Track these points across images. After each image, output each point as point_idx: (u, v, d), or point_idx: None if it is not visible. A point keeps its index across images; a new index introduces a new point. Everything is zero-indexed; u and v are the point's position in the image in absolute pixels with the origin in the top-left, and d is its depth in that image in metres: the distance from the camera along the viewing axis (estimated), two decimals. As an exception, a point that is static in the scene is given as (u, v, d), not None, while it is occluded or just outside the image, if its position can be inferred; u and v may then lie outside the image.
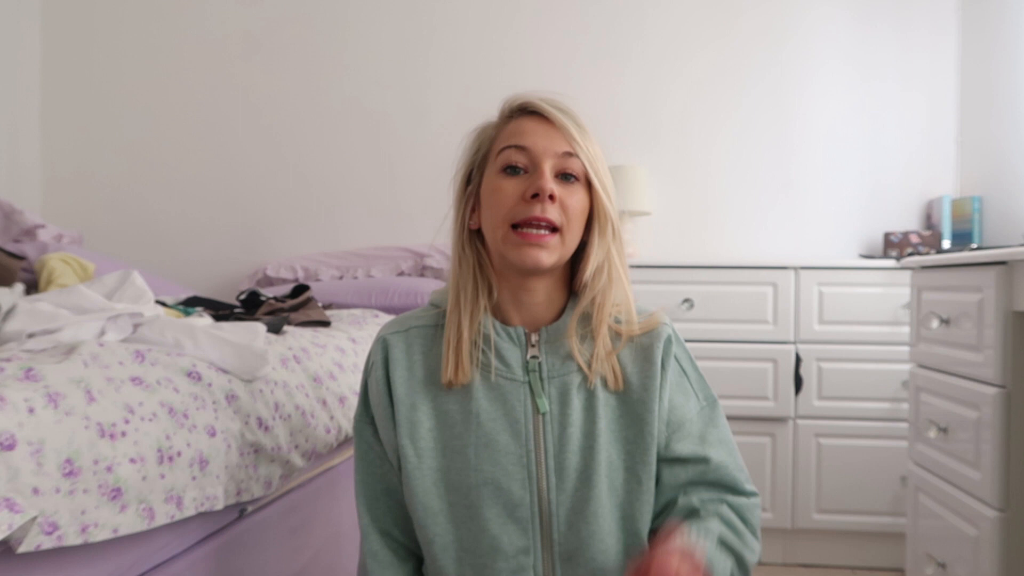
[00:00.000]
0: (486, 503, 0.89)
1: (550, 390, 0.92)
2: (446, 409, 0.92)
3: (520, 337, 0.94)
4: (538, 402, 0.91)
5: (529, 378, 0.92)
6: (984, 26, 2.57)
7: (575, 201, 0.91)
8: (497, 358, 0.92)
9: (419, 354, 0.95)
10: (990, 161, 2.52)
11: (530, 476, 0.89)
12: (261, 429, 1.21)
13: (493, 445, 0.90)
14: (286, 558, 1.34)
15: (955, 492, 1.60)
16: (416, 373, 0.94)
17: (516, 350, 0.93)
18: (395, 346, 0.96)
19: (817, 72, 2.75)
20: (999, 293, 1.45)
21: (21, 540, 0.74)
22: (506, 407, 0.91)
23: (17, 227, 2.40)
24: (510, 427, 0.90)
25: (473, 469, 0.89)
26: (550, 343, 0.94)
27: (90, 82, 3.02)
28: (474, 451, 0.90)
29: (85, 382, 0.90)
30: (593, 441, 0.89)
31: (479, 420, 0.91)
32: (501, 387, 0.92)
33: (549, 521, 0.89)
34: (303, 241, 2.93)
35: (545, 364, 0.93)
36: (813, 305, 2.31)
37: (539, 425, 0.91)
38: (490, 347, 0.92)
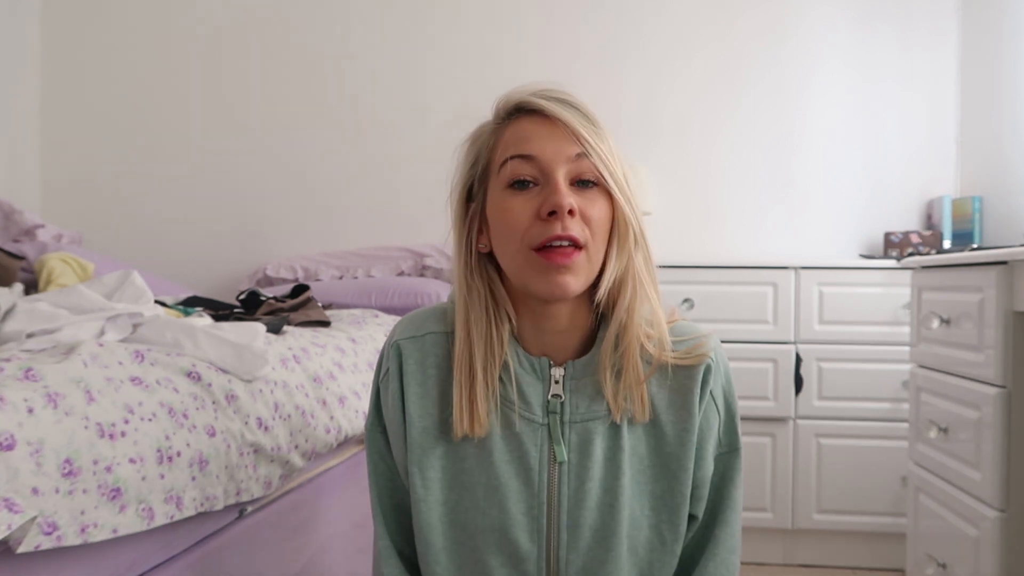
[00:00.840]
0: (491, 550, 0.81)
1: (570, 436, 0.82)
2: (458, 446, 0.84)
3: (543, 370, 0.84)
4: (556, 450, 0.82)
5: (548, 420, 0.82)
6: (984, 26, 2.57)
7: (597, 210, 0.79)
8: (518, 395, 0.82)
9: (434, 367, 0.85)
10: (990, 161, 2.52)
11: (539, 529, 0.81)
12: (261, 429, 1.21)
13: (503, 489, 0.81)
14: (286, 558, 1.33)
15: (956, 492, 1.60)
16: (430, 391, 0.84)
17: (538, 385, 0.83)
18: (409, 356, 0.86)
19: (817, 72, 2.75)
20: (1000, 293, 1.45)
21: (20, 540, 0.73)
22: (521, 450, 0.82)
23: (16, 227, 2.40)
24: (523, 473, 0.82)
25: (481, 511, 0.81)
26: (576, 380, 0.83)
27: (90, 82, 3.02)
28: (483, 492, 0.82)
29: (84, 382, 0.90)
30: (615, 498, 0.81)
31: (491, 460, 0.82)
32: (518, 423, 0.83)
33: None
34: (303, 241, 2.93)
35: (568, 405, 0.83)
36: (813, 305, 2.31)
37: (555, 475, 0.82)
38: (511, 381, 0.82)
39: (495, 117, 0.86)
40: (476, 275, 0.83)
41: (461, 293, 0.83)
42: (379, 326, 2.05)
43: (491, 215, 0.82)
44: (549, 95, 0.82)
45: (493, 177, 0.82)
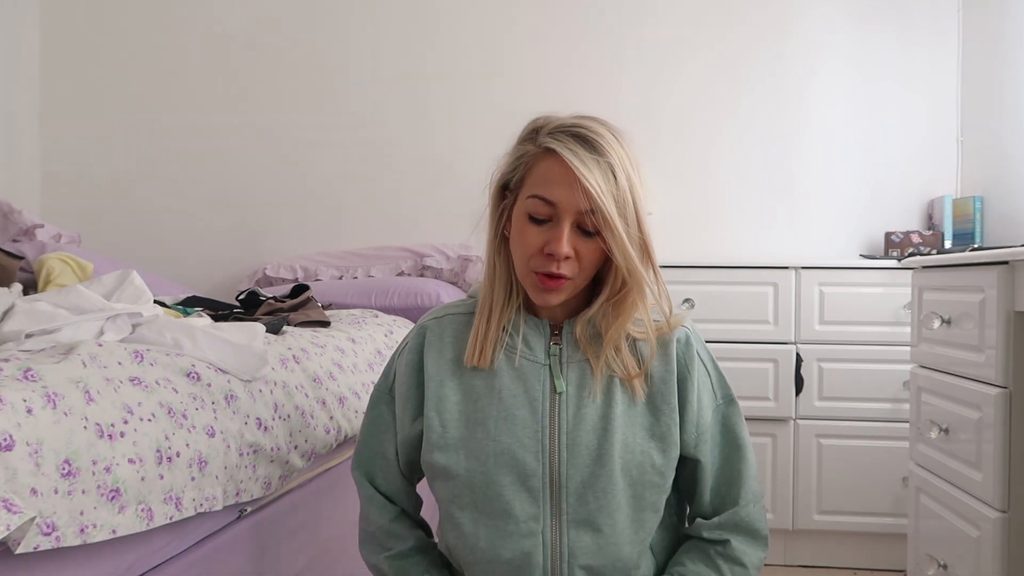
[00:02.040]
0: (501, 471, 0.95)
1: (568, 373, 0.99)
2: (472, 385, 1.00)
3: (545, 328, 1.02)
4: (556, 382, 0.98)
5: (550, 361, 0.99)
6: (985, 26, 2.57)
7: (589, 251, 0.95)
8: (523, 343, 1.00)
9: (450, 337, 1.03)
10: (991, 161, 2.52)
11: (543, 449, 0.96)
12: (260, 429, 1.21)
13: (512, 419, 0.97)
14: (286, 559, 1.33)
15: (956, 493, 1.60)
16: (445, 354, 1.02)
17: (540, 338, 1.01)
18: (431, 330, 1.05)
19: (818, 72, 2.75)
20: (1000, 293, 1.44)
21: (19, 541, 0.73)
22: (527, 385, 0.98)
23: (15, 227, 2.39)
24: (529, 404, 0.97)
25: (492, 439, 0.96)
26: (571, 334, 1.01)
27: (89, 82, 3.02)
28: (494, 423, 0.97)
29: (84, 382, 0.90)
30: (608, 423, 0.96)
31: (501, 396, 0.98)
32: (524, 368, 0.99)
33: (559, 492, 0.95)
34: (303, 241, 2.93)
35: (566, 350, 1.00)
36: (814, 305, 2.31)
37: (555, 404, 0.97)
38: (519, 334, 1.00)
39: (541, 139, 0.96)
40: (501, 253, 1.01)
41: (488, 267, 1.02)
42: (379, 326, 2.05)
43: (513, 223, 0.98)
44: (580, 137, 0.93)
45: (522, 193, 0.97)
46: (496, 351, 1.00)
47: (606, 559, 0.95)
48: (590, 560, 0.95)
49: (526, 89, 2.82)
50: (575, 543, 0.95)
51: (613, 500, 0.95)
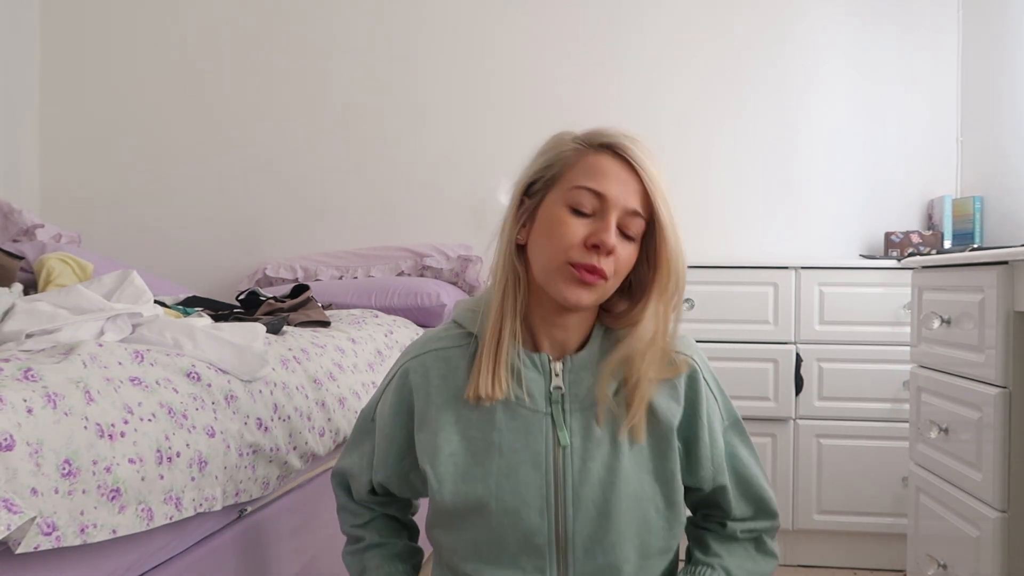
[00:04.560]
0: (506, 529, 0.91)
1: (572, 423, 0.93)
2: (467, 435, 0.94)
3: (544, 365, 0.95)
4: (559, 435, 0.93)
5: (551, 409, 0.94)
6: (985, 26, 2.57)
7: (626, 255, 0.92)
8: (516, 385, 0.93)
9: (437, 378, 0.96)
10: (991, 161, 2.52)
11: (548, 506, 0.91)
12: (260, 430, 1.21)
13: (514, 475, 0.92)
14: (285, 559, 1.33)
15: (956, 493, 1.60)
16: (434, 399, 0.95)
17: (540, 379, 0.94)
18: (414, 372, 0.98)
19: (818, 72, 2.75)
20: (1000, 293, 1.44)
21: (20, 541, 0.73)
22: (528, 438, 0.93)
23: (16, 227, 2.39)
24: (531, 459, 0.92)
25: (494, 497, 0.91)
26: (574, 373, 0.95)
27: (89, 82, 3.02)
28: (496, 481, 0.92)
29: (84, 382, 0.90)
30: (615, 475, 0.91)
31: (501, 451, 0.92)
32: (524, 417, 0.93)
33: (565, 547, 0.92)
34: (303, 241, 2.93)
35: (568, 395, 0.94)
36: (814, 305, 2.31)
37: (560, 458, 0.92)
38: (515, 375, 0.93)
39: (583, 140, 0.94)
40: (513, 264, 0.94)
41: (501, 276, 0.94)
42: (379, 326, 2.05)
43: (542, 219, 0.92)
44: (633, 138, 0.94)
45: (559, 188, 0.92)
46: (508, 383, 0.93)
47: None
48: None
49: (525, 88, 2.82)
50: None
51: (621, 553, 0.92)
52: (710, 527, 1.04)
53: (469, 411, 0.94)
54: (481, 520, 0.92)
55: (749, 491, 1.01)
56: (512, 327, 0.93)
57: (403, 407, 0.98)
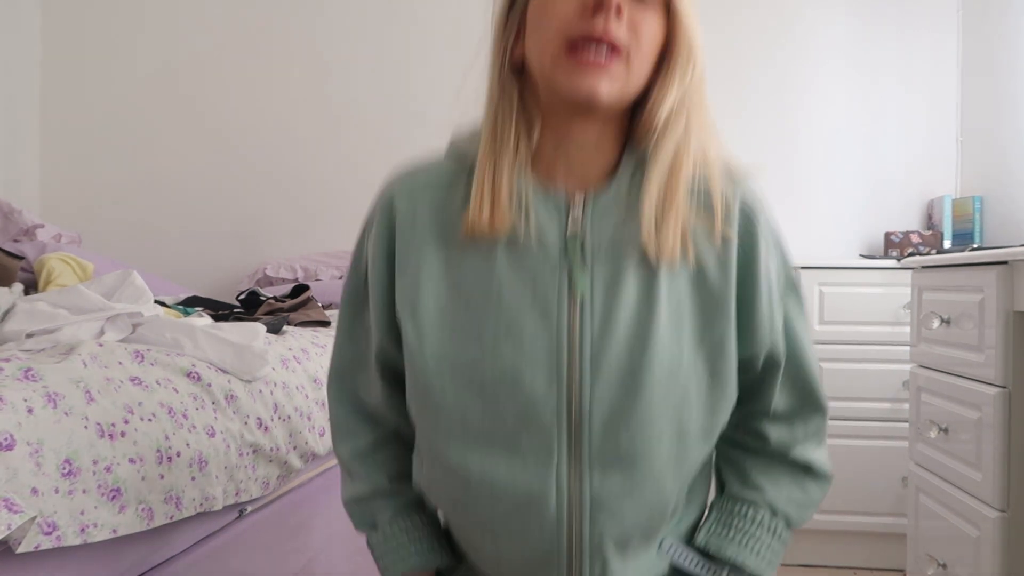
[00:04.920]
0: (504, 399, 0.72)
1: (595, 270, 0.73)
2: (458, 281, 0.74)
3: (560, 204, 0.74)
4: (577, 284, 0.72)
5: (567, 255, 0.73)
6: (985, 26, 2.57)
7: (648, 26, 0.72)
8: (526, 220, 0.73)
9: (427, 209, 0.77)
10: (991, 161, 2.52)
11: (559, 371, 0.71)
12: (260, 430, 1.21)
13: (517, 331, 0.72)
14: (285, 559, 1.33)
15: (956, 492, 1.60)
16: (420, 232, 0.76)
17: (553, 220, 0.74)
18: (400, 198, 0.78)
19: (818, 72, 2.75)
20: (1000, 293, 1.44)
21: (20, 540, 0.73)
22: (535, 285, 0.72)
23: (16, 227, 2.39)
24: (539, 312, 0.72)
25: (490, 357, 0.72)
26: (598, 211, 0.74)
27: (89, 82, 3.02)
28: (492, 335, 0.72)
29: (84, 382, 0.90)
30: (647, 335, 0.71)
31: (500, 298, 0.72)
32: (531, 260, 0.73)
33: (580, 426, 0.71)
34: (303, 241, 2.93)
35: (590, 238, 0.73)
36: (814, 305, 2.30)
37: (576, 312, 0.72)
38: (522, 209, 0.73)
39: None
40: (508, 81, 0.77)
41: (490, 98, 0.78)
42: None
43: (532, 15, 0.74)
44: None
45: None
46: (511, 211, 0.72)
47: (640, 505, 0.73)
48: (618, 507, 0.72)
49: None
50: (600, 488, 0.71)
51: (650, 433, 0.71)
52: (747, 443, 0.83)
53: (462, 254, 0.74)
54: (471, 390, 0.72)
55: (799, 377, 0.81)
56: (513, 152, 0.74)
57: (387, 255, 0.78)
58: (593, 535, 0.72)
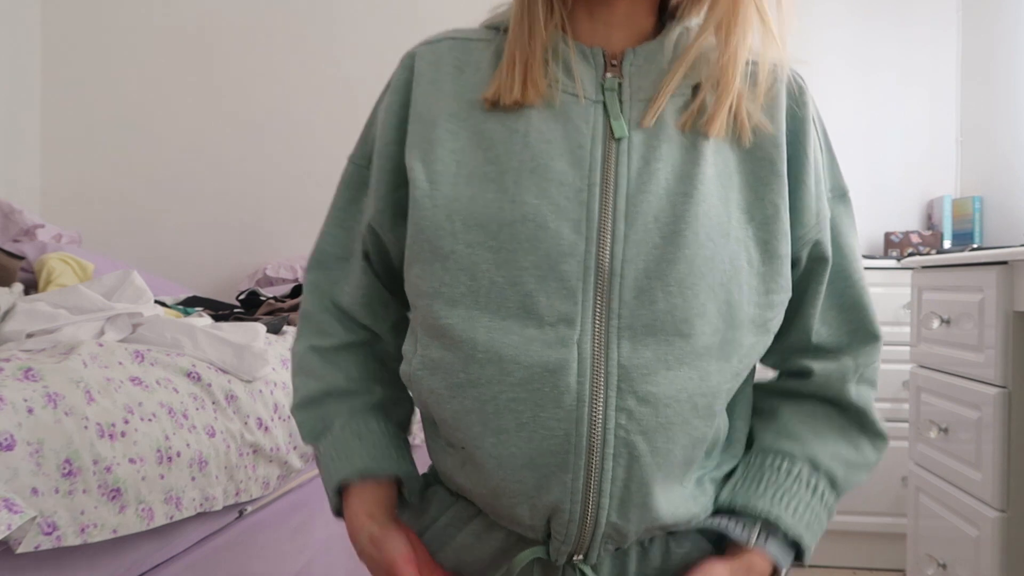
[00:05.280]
0: (522, 247, 0.61)
1: (632, 114, 0.65)
2: (481, 129, 0.66)
3: (597, 57, 0.67)
4: (614, 125, 0.64)
5: (605, 97, 0.65)
6: (985, 25, 2.57)
7: None
8: (564, 74, 0.66)
9: (450, 67, 0.70)
10: (991, 161, 2.52)
11: (589, 218, 0.61)
12: (260, 429, 1.21)
13: (542, 171, 0.62)
14: (286, 559, 1.33)
15: (956, 492, 1.60)
16: (444, 87, 0.69)
17: (590, 71, 0.66)
18: (422, 58, 0.71)
19: (818, 72, 2.75)
20: (1000, 293, 1.45)
21: (20, 540, 0.73)
22: (567, 127, 0.64)
23: (16, 227, 2.39)
24: (569, 152, 0.63)
25: (510, 200, 0.62)
26: (639, 61, 0.67)
27: (90, 82, 3.02)
28: (514, 178, 0.62)
29: (84, 382, 0.90)
30: (691, 186, 0.62)
31: (527, 139, 0.64)
32: (564, 104, 0.65)
33: (609, 283, 0.61)
34: (303, 241, 2.93)
35: (630, 85, 0.66)
36: (813, 305, 2.30)
37: (612, 153, 0.63)
38: (558, 62, 0.66)
39: None
40: None
41: None
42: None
43: None
44: None
45: None
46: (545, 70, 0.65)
47: (678, 391, 0.60)
48: (653, 386, 0.59)
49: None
50: (631, 359, 0.59)
51: (693, 300, 0.60)
52: (785, 386, 0.72)
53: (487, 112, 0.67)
54: (484, 238, 0.62)
55: (847, 295, 0.70)
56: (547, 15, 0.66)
57: (402, 106, 0.71)
58: (619, 421, 0.59)
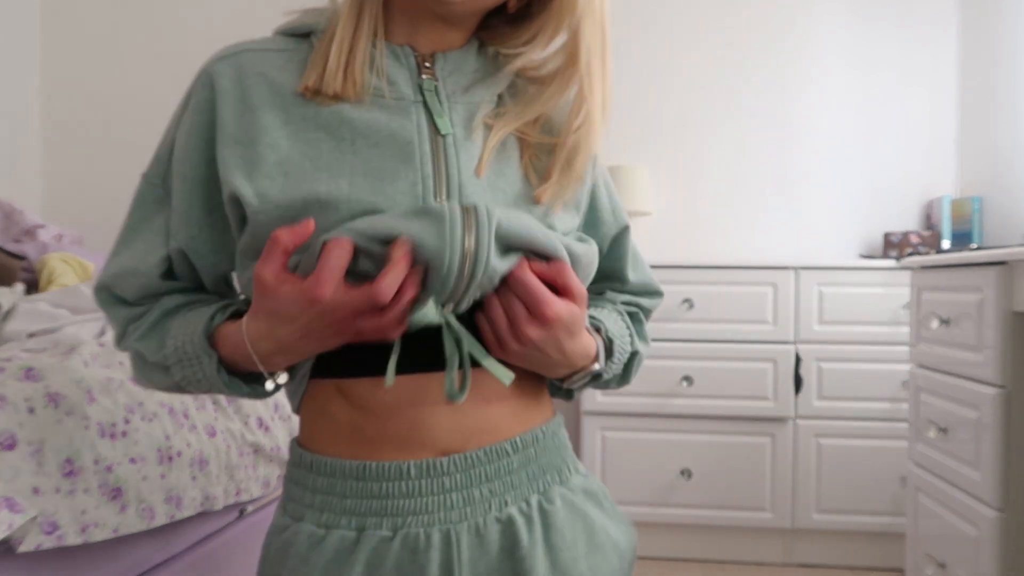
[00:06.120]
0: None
1: (452, 113, 0.70)
2: (305, 137, 0.68)
3: (408, 58, 0.71)
4: (438, 122, 0.69)
5: (424, 97, 0.70)
6: (984, 26, 2.57)
7: None
8: (377, 73, 0.69)
9: (255, 79, 0.70)
10: (990, 161, 2.52)
11: None
12: (261, 429, 1.21)
13: (376, 174, 0.66)
14: (286, 558, 1.34)
15: (955, 492, 1.60)
16: (252, 101, 0.69)
17: (405, 72, 0.71)
18: (221, 76, 0.70)
19: (817, 72, 2.75)
20: (999, 293, 1.45)
21: (21, 540, 0.74)
22: (392, 127, 0.68)
23: (17, 227, 2.40)
24: (399, 151, 0.67)
25: (345, 201, 0.64)
26: (449, 64, 0.72)
27: (90, 82, 3.02)
28: (348, 180, 0.65)
29: (85, 382, 0.90)
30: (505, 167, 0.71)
31: (355, 144, 0.67)
32: (385, 109, 0.69)
33: None
34: (303, 241, 2.93)
35: (444, 87, 0.71)
36: (813, 305, 2.31)
37: (440, 148, 0.68)
38: (373, 68, 0.69)
39: None
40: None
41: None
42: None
43: None
44: None
45: None
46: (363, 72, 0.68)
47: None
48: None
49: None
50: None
51: None
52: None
53: (304, 109, 0.69)
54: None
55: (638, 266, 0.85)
56: (372, 22, 0.70)
57: (206, 127, 0.70)
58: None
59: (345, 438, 0.69)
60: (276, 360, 0.67)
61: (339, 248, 0.61)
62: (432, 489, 0.68)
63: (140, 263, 0.74)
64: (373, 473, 0.68)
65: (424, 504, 0.68)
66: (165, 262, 0.74)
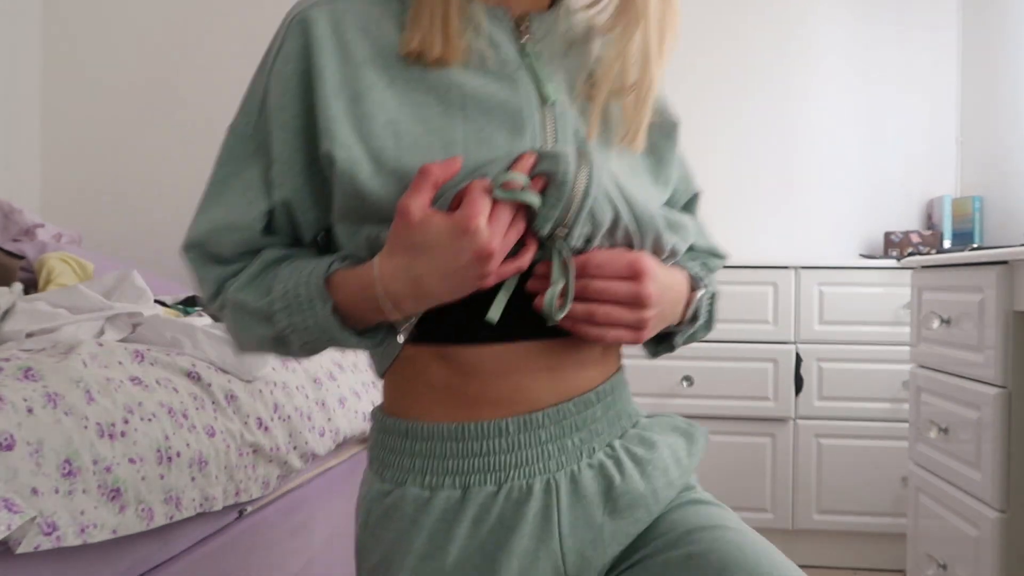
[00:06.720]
0: None
1: (557, 79, 0.71)
2: (412, 99, 0.67)
3: (504, 18, 0.71)
4: (545, 89, 0.69)
5: (528, 61, 0.70)
6: (985, 25, 2.57)
7: None
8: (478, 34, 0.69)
9: (354, 29, 0.69)
10: (991, 161, 2.52)
11: None
12: (260, 429, 1.21)
13: (488, 143, 0.66)
14: (286, 559, 1.33)
15: (956, 493, 1.60)
16: (353, 54, 0.68)
17: (504, 33, 0.71)
18: (316, 24, 0.68)
19: (818, 72, 2.75)
20: (1000, 293, 1.45)
21: (20, 540, 0.73)
22: (502, 95, 0.68)
23: (16, 226, 2.39)
24: (510, 120, 0.67)
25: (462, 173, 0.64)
26: (545, 30, 0.73)
27: (90, 81, 3.02)
28: (461, 148, 0.65)
29: (84, 382, 0.90)
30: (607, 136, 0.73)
31: (465, 111, 0.67)
32: (492, 70, 0.69)
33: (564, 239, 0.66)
34: (303, 241, 2.93)
35: (545, 51, 0.72)
36: (813, 305, 2.31)
37: (549, 118, 0.69)
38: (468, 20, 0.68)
39: None
40: None
41: None
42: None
43: None
44: None
45: None
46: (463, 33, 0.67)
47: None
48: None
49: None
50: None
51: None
52: None
53: (408, 70, 0.68)
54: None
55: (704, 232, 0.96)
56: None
57: (305, 77, 0.68)
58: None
59: (440, 402, 0.71)
60: (405, 305, 0.65)
61: (482, 184, 0.61)
62: (530, 442, 0.70)
63: (239, 217, 0.71)
64: (473, 433, 0.70)
65: (524, 457, 0.70)
66: (266, 216, 0.71)
